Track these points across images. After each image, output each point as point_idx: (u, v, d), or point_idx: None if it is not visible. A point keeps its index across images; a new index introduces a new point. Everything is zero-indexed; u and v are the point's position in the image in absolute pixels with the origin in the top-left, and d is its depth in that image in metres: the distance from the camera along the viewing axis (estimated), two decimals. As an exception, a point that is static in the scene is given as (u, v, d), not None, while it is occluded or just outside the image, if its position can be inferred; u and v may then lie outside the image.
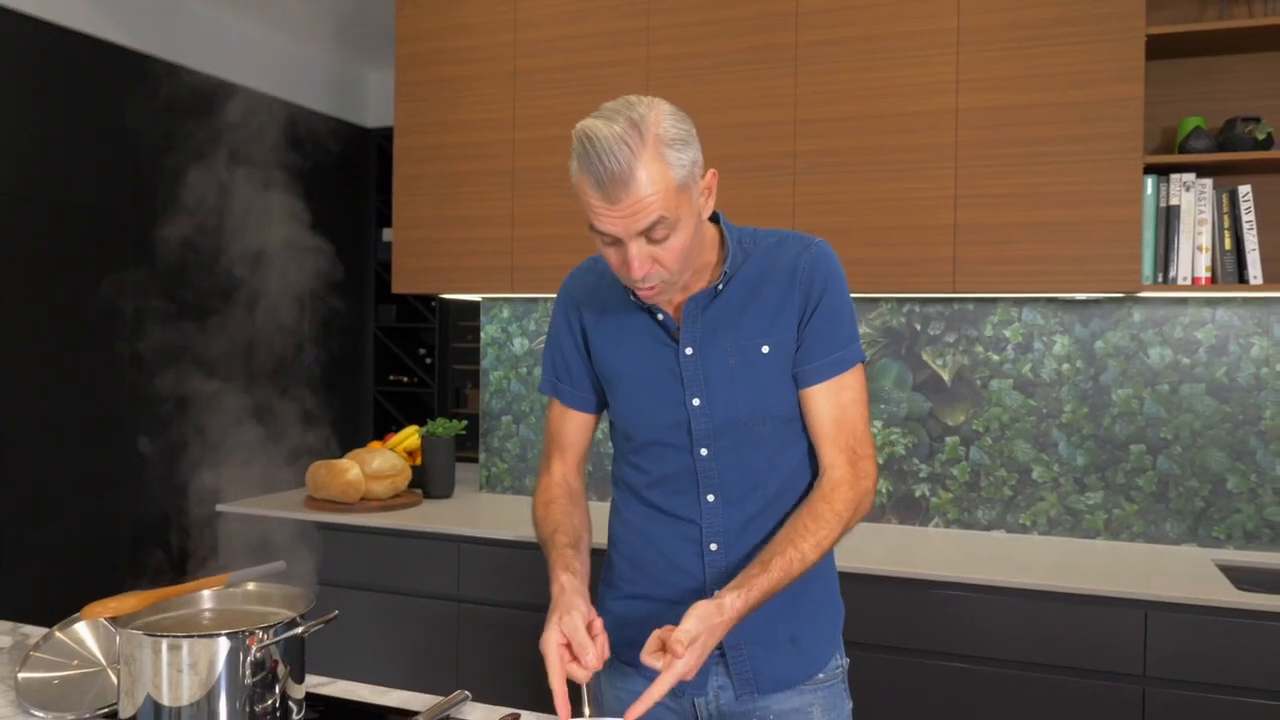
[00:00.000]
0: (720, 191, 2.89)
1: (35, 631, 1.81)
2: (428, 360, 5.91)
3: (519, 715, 1.37)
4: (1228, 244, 2.52)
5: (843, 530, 1.37)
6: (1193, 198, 2.53)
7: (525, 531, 2.77)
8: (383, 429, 5.77)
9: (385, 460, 3.13)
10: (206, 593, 1.44)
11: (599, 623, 1.29)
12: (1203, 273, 2.52)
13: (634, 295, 1.42)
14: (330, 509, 3.01)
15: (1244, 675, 2.15)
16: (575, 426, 1.57)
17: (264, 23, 4.68)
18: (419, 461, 3.36)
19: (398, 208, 3.26)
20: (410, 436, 3.42)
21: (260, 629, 1.29)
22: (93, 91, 3.90)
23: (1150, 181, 2.55)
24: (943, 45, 2.61)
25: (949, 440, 2.91)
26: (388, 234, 5.58)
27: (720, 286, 1.41)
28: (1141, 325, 2.74)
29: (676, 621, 1.23)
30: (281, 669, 1.32)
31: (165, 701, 1.26)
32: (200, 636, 1.26)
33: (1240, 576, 2.48)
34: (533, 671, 1.78)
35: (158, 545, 3.97)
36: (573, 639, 1.24)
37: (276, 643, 1.30)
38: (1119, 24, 2.46)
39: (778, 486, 1.43)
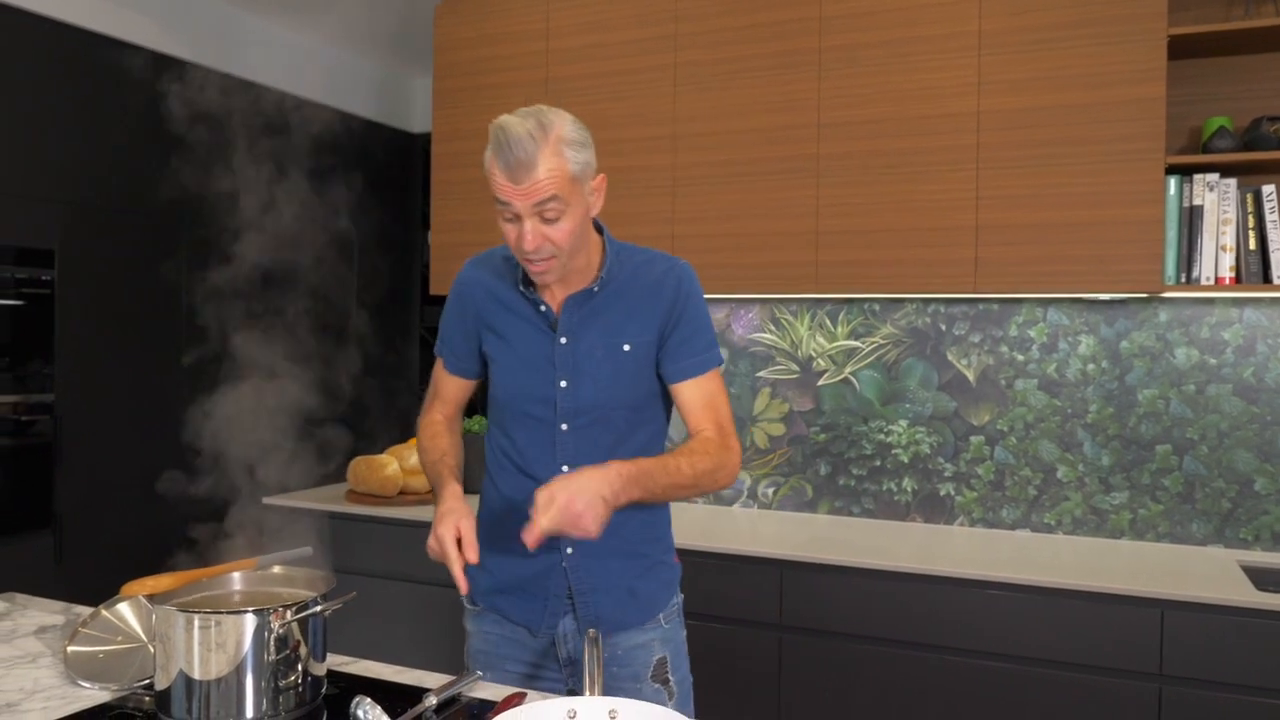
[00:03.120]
0: (746, 194, 2.94)
1: (85, 611, 1.93)
2: (472, 360, 6.00)
3: (524, 694, 1.44)
4: (1252, 244, 2.51)
5: (709, 466, 1.58)
6: (1216, 198, 2.53)
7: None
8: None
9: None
10: (236, 574, 1.54)
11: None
12: (1226, 273, 2.52)
13: (522, 286, 1.66)
14: (370, 502, 3.12)
15: (1261, 675, 2.15)
16: (454, 386, 1.83)
17: (314, 31, 4.83)
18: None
19: (436, 211, 3.37)
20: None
21: (283, 607, 1.38)
22: (150, 102, 4.07)
23: (1173, 182, 2.55)
24: (964, 48, 2.64)
25: (974, 440, 2.93)
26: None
27: (596, 288, 1.64)
28: (1168, 325, 2.74)
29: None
30: (304, 646, 1.41)
31: (196, 675, 1.36)
32: (229, 613, 1.36)
33: (1265, 578, 2.47)
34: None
35: (205, 534, 4.14)
36: (466, 538, 1.49)
37: (298, 620, 1.39)
38: (1140, 25, 2.48)
39: None
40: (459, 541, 1.49)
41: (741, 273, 2.89)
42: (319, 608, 1.41)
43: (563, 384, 1.64)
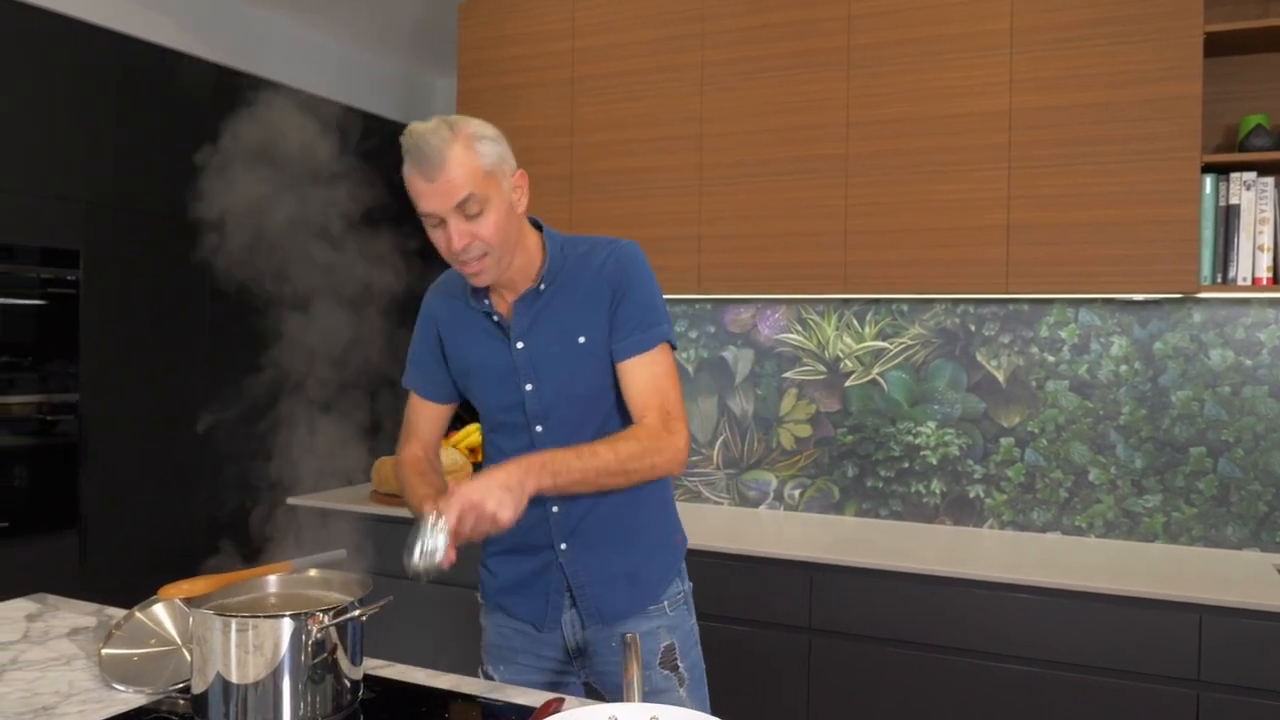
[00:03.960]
0: (774, 194, 2.92)
1: (117, 613, 1.92)
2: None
3: (562, 699, 1.43)
4: (1290, 243, 2.48)
5: (639, 452, 1.52)
6: (1253, 196, 2.49)
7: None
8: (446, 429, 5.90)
9: (447, 456, 3.23)
10: (272, 577, 1.53)
11: None
12: (1264, 273, 2.48)
13: (473, 299, 1.68)
14: (394, 503, 3.12)
15: (1302, 681, 2.12)
16: (429, 416, 1.82)
17: (334, 31, 4.84)
18: (479, 459, 3.45)
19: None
20: (471, 434, 3.51)
21: (320, 611, 1.37)
22: (174, 102, 4.08)
23: (1209, 180, 2.52)
24: (995, 46, 2.61)
25: (1004, 441, 2.90)
26: (453, 237, 5.71)
27: (542, 286, 1.64)
28: (1202, 326, 2.70)
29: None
30: (340, 650, 1.40)
31: (233, 678, 1.35)
32: (265, 617, 1.35)
33: (1303, 582, 2.43)
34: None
35: (230, 535, 4.15)
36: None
37: (335, 625, 1.38)
38: (1175, 22, 2.44)
39: None
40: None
41: (769, 273, 2.87)
42: (356, 612, 1.40)
43: (528, 387, 1.65)
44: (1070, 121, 2.54)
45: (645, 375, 1.60)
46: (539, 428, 1.66)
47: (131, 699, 1.48)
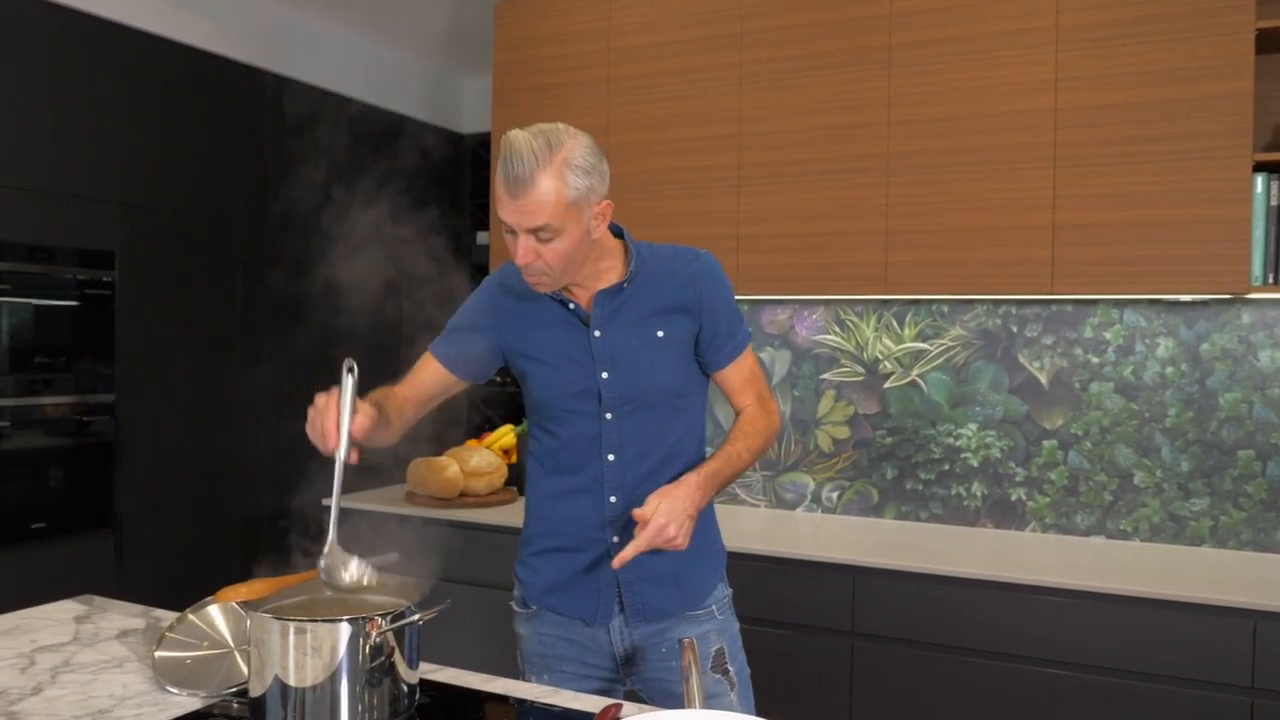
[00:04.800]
0: (814, 193, 2.91)
1: (165, 615, 1.92)
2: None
3: (620, 705, 1.41)
4: (1344, 243, 2.43)
5: (762, 444, 1.73)
6: (1306, 196, 2.45)
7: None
8: (478, 428, 5.91)
9: (483, 458, 3.22)
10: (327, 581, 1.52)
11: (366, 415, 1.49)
12: (1317, 273, 2.44)
13: None
14: (430, 504, 3.11)
15: (1360, 689, 2.08)
16: (430, 373, 1.77)
17: (364, 32, 4.84)
18: (514, 459, 3.44)
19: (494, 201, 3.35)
20: (506, 435, 3.50)
21: (379, 615, 1.36)
22: (208, 103, 4.10)
23: (1260, 180, 2.48)
24: (1041, 44, 2.58)
25: (1046, 444, 2.86)
26: (482, 237, 5.72)
27: (626, 284, 1.69)
28: (1250, 327, 2.66)
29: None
30: (398, 654, 1.39)
31: (291, 682, 1.34)
32: (325, 621, 1.34)
33: (1357, 587, 2.39)
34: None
35: (267, 536, 4.15)
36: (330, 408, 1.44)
37: (394, 629, 1.37)
38: (1226, 18, 2.40)
39: (666, 451, 1.71)
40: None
41: (808, 273, 2.85)
42: (415, 616, 1.39)
43: (604, 375, 1.68)
44: (1118, 120, 2.50)
45: (741, 373, 1.76)
46: (609, 415, 1.69)
47: (187, 702, 1.48)
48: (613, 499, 1.70)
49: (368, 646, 1.35)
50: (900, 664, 2.47)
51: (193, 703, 1.48)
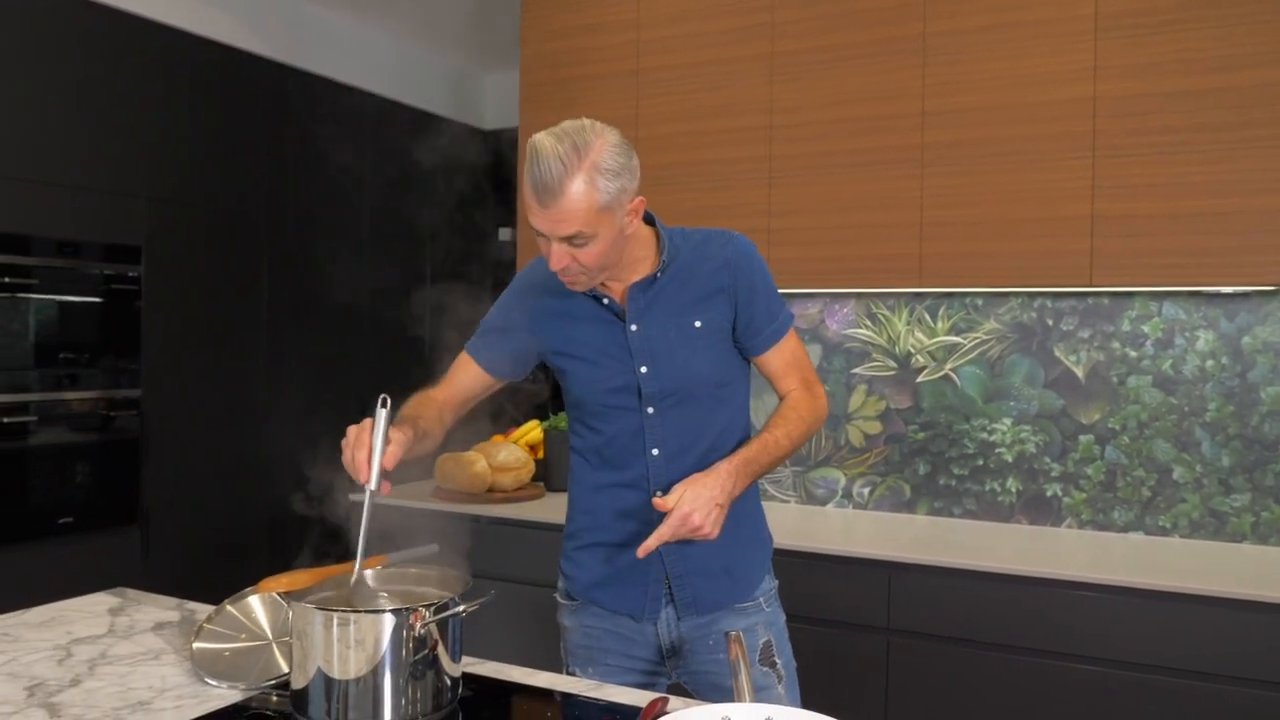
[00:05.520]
0: (846, 185, 2.88)
1: (199, 607, 1.91)
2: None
3: (666, 699, 1.39)
4: (1392, 233, 2.38)
5: (804, 430, 1.67)
6: (1353, 185, 2.40)
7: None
8: (503, 426, 5.90)
9: (510, 453, 3.20)
10: (369, 572, 1.50)
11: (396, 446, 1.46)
12: (1364, 264, 2.39)
13: None
14: (457, 499, 3.09)
15: None
16: (467, 375, 1.76)
17: (387, 28, 4.84)
18: (541, 455, 3.42)
19: (522, 204, 3.33)
20: (533, 430, 3.48)
21: (423, 606, 1.34)
22: (232, 99, 4.09)
23: (1305, 169, 2.43)
24: (1079, 32, 2.54)
25: (1083, 439, 2.82)
26: (505, 234, 5.70)
27: (659, 275, 1.65)
28: (1293, 320, 2.61)
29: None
30: (441, 646, 1.37)
31: (334, 673, 1.32)
32: (368, 612, 1.32)
33: (1405, 585, 2.34)
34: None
35: (294, 531, 4.15)
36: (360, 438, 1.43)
37: (437, 621, 1.35)
38: (1272, 4, 2.36)
39: (710, 442, 1.67)
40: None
41: (841, 266, 2.81)
42: (459, 608, 1.37)
43: (643, 369, 1.64)
44: (1159, 109, 2.46)
45: (784, 358, 1.71)
46: (650, 409, 1.65)
47: (226, 694, 1.46)
48: (660, 493, 1.67)
49: (411, 638, 1.33)
50: (937, 661, 2.44)
51: (232, 695, 1.46)
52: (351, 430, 1.44)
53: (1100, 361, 2.80)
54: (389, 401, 1.44)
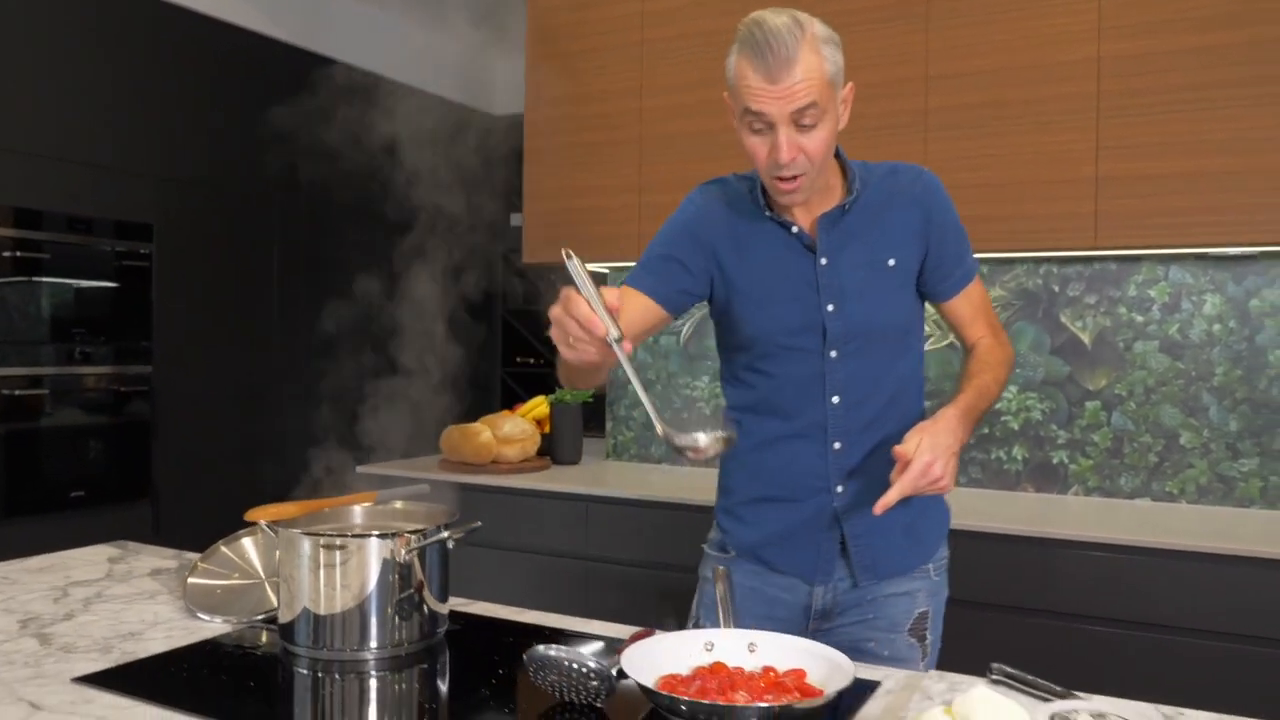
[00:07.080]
0: (850, 152, 2.86)
1: (197, 557, 1.92)
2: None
3: (653, 631, 1.38)
4: (1402, 190, 2.35)
5: (1006, 375, 1.55)
6: (1361, 142, 2.37)
7: (654, 492, 2.80)
8: (509, 402, 5.92)
9: (516, 425, 3.21)
10: (357, 507, 1.51)
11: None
12: (1373, 222, 2.36)
13: (768, 210, 1.54)
14: (463, 470, 3.10)
15: None
16: (635, 308, 1.53)
17: (400, 12, 4.86)
18: (548, 430, 3.42)
19: (528, 180, 3.34)
20: (539, 405, 3.49)
21: (409, 532, 1.34)
22: (243, 79, 4.13)
23: (1313, 126, 2.40)
24: (1083, -9, 2.52)
25: (1089, 405, 2.80)
26: (515, 219, 5.72)
27: (848, 206, 1.52)
28: (1302, 282, 2.58)
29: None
30: (427, 575, 1.37)
31: (321, 599, 1.33)
32: (354, 536, 1.33)
33: None
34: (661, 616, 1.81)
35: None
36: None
37: (424, 547, 1.35)
38: (1278, -41, 2.33)
39: (893, 391, 1.54)
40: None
41: (844, 232, 2.80)
42: (444, 534, 1.37)
43: (829, 308, 1.50)
44: (1164, 68, 2.43)
45: (971, 304, 1.59)
46: (833, 353, 1.51)
47: (216, 628, 1.47)
48: (837, 445, 1.52)
49: (398, 565, 1.33)
50: (946, 624, 2.42)
51: (223, 628, 1.47)
52: (555, 309, 1.18)
53: (1107, 327, 2.78)
54: (574, 254, 1.18)
